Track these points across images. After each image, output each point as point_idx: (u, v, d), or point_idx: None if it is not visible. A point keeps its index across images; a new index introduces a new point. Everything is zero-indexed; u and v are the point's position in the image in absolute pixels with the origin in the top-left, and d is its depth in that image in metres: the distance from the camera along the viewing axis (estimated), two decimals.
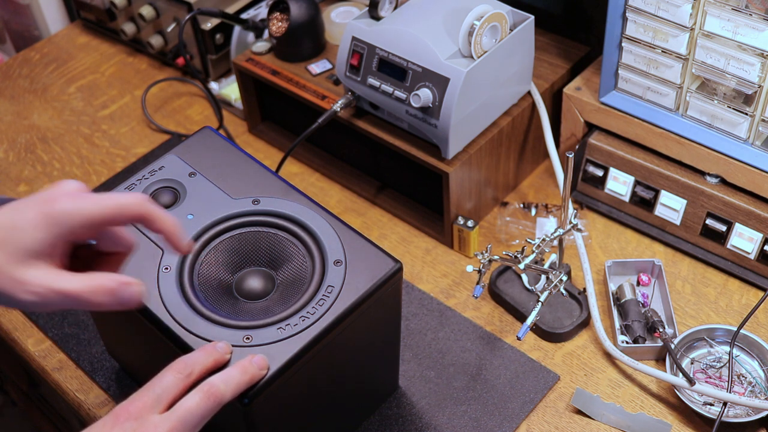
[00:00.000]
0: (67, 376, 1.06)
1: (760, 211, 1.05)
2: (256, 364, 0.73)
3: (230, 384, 0.70)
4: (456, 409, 1.00)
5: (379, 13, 1.11)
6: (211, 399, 0.68)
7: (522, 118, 1.17)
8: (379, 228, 1.22)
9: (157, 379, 0.69)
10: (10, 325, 1.12)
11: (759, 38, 0.95)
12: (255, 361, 0.73)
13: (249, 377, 0.71)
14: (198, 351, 0.72)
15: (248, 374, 0.71)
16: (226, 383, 0.70)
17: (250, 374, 0.72)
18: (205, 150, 0.92)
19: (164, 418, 0.67)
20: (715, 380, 1.00)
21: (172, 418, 0.67)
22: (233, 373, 0.71)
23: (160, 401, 0.68)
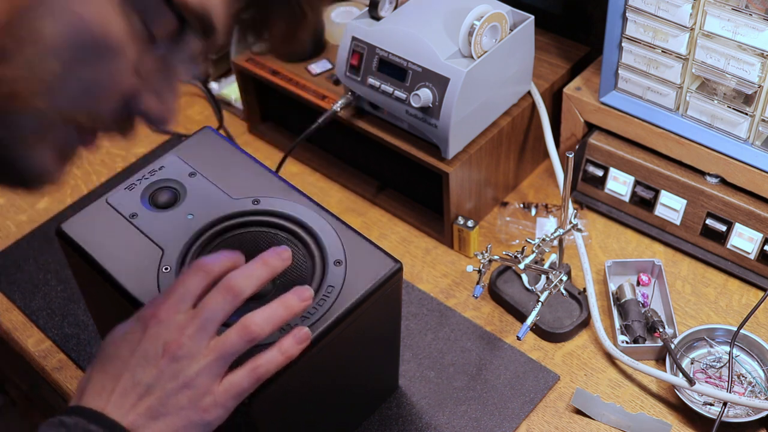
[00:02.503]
0: (67, 376, 1.06)
1: (760, 211, 1.05)
2: (276, 255, 0.71)
3: (252, 279, 0.70)
4: (456, 409, 1.00)
5: (379, 13, 1.11)
6: (230, 295, 0.68)
7: (522, 118, 1.17)
8: (379, 228, 1.22)
9: (179, 283, 0.69)
10: (10, 325, 1.12)
11: (759, 38, 0.95)
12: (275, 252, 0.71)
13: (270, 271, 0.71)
14: (212, 256, 0.72)
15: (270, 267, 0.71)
16: (247, 279, 0.69)
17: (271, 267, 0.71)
18: (205, 150, 0.92)
19: (190, 315, 0.68)
20: (715, 380, 1.00)
21: (198, 316, 0.68)
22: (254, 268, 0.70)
23: (184, 302, 0.68)
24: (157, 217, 0.85)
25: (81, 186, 1.31)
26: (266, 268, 0.71)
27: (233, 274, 0.70)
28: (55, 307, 1.13)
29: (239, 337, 0.68)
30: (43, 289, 1.16)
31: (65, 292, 1.15)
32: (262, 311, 0.70)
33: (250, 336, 0.68)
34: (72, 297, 1.14)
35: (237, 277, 0.69)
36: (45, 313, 1.12)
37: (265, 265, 0.71)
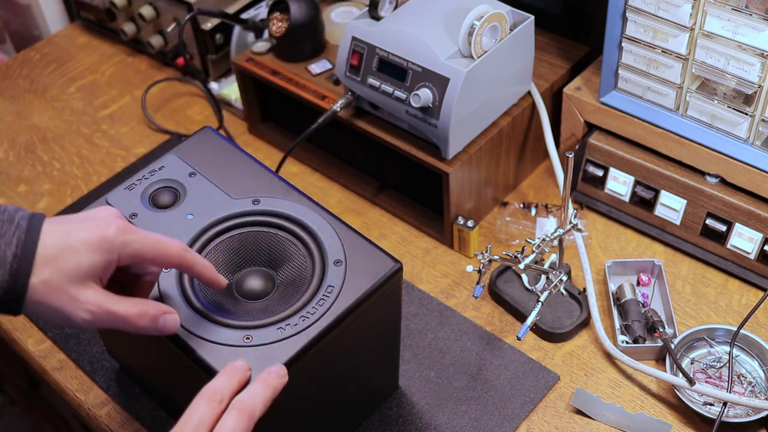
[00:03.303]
0: (67, 376, 1.06)
1: (760, 211, 1.05)
2: (275, 374, 0.73)
3: (257, 398, 0.71)
4: (456, 409, 1.00)
5: (379, 13, 1.11)
6: (245, 416, 0.69)
7: (522, 118, 1.17)
8: (379, 228, 1.22)
9: (192, 409, 0.69)
10: (10, 325, 1.12)
11: (759, 38, 0.95)
12: (273, 372, 0.73)
13: (272, 389, 0.72)
14: (221, 375, 0.72)
15: (270, 386, 0.72)
16: (254, 398, 0.70)
17: (272, 386, 0.72)
18: (205, 150, 0.92)
19: None
20: (715, 380, 1.00)
21: None
22: (257, 388, 0.71)
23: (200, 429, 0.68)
24: (157, 217, 0.85)
25: (81, 186, 1.31)
26: (269, 389, 0.72)
27: (241, 396, 0.70)
28: None
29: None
30: None
31: None
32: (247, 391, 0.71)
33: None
34: None
35: (247, 399, 0.70)
36: None
37: (266, 385, 0.72)
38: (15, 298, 0.67)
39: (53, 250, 0.67)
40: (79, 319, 0.69)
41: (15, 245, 0.66)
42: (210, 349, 0.76)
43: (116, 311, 0.70)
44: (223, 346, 0.76)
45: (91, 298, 0.69)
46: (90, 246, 0.68)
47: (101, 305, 0.69)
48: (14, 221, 0.68)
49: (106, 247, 0.69)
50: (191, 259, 0.74)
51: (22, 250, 0.66)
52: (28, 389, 1.51)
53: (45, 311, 0.68)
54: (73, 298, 0.68)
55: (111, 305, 0.70)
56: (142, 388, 1.03)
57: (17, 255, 0.66)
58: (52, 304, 0.67)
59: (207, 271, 0.76)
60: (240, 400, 0.70)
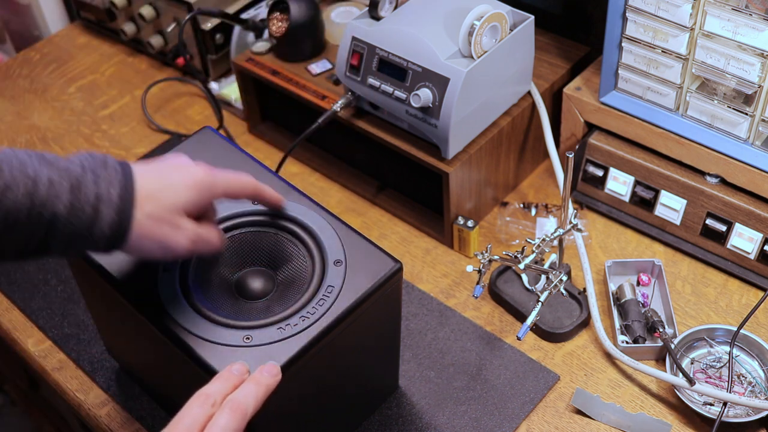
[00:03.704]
0: (67, 376, 1.06)
1: (760, 211, 1.05)
2: (267, 373, 0.73)
3: (250, 397, 0.71)
4: (456, 409, 1.00)
5: (379, 13, 1.11)
6: (238, 414, 0.69)
7: (522, 118, 1.17)
8: (379, 228, 1.22)
9: (184, 411, 0.69)
10: (10, 325, 1.12)
11: (759, 38, 0.95)
12: (266, 371, 0.74)
13: (265, 388, 0.72)
14: (216, 380, 0.72)
15: (263, 385, 0.72)
16: (246, 397, 0.71)
17: (264, 385, 0.73)
18: (205, 150, 0.92)
19: None
20: (715, 380, 1.00)
21: None
22: (250, 387, 0.72)
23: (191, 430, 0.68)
24: None
25: None
26: (261, 387, 0.72)
27: (234, 395, 0.71)
28: (55, 307, 1.13)
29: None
30: (43, 289, 1.16)
31: (65, 292, 1.15)
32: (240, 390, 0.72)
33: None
34: (72, 297, 1.14)
35: (240, 398, 0.71)
36: (45, 313, 1.12)
37: (259, 384, 0.72)
38: (120, 234, 0.71)
39: (152, 189, 0.73)
40: (181, 246, 0.75)
41: (118, 186, 0.71)
42: (210, 349, 0.76)
43: (205, 236, 0.77)
44: (223, 346, 0.76)
45: (189, 226, 0.75)
46: (187, 186, 0.75)
47: (197, 232, 0.76)
48: (108, 164, 0.72)
49: (201, 187, 0.76)
50: (261, 187, 0.83)
51: (124, 191, 0.71)
52: (28, 389, 1.51)
53: (147, 244, 0.73)
54: (176, 225, 0.74)
55: (202, 232, 0.77)
56: (142, 388, 1.03)
57: (121, 195, 0.71)
58: (156, 235, 0.73)
59: (272, 195, 0.84)
60: (232, 398, 0.70)
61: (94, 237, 0.70)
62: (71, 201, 0.69)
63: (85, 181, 0.70)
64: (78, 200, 0.69)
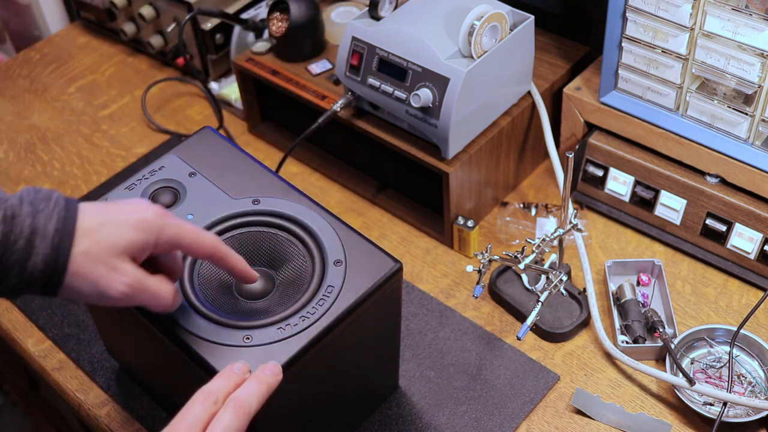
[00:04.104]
0: (67, 376, 1.06)
1: (760, 211, 1.05)
2: (269, 372, 0.73)
3: (253, 396, 0.71)
4: (456, 409, 1.00)
5: (379, 13, 1.11)
6: (241, 412, 0.69)
7: (522, 118, 1.17)
8: (379, 228, 1.22)
9: (186, 409, 0.69)
10: (10, 325, 1.12)
11: (759, 38, 0.95)
12: (268, 370, 0.73)
13: (267, 386, 0.72)
14: (217, 378, 0.72)
15: (265, 384, 0.72)
16: (249, 396, 0.71)
17: (267, 383, 0.72)
18: (205, 150, 0.92)
19: None
20: (715, 380, 1.00)
21: None
22: (252, 386, 0.72)
23: (194, 428, 0.68)
24: None
25: (81, 186, 1.31)
26: (263, 386, 0.72)
27: (237, 393, 0.71)
28: (55, 307, 1.13)
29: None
30: None
31: None
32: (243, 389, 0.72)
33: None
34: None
35: (243, 396, 0.70)
36: (45, 313, 1.12)
37: (261, 383, 0.72)
38: (56, 272, 0.67)
39: (93, 225, 0.69)
40: (116, 292, 0.69)
41: (56, 220, 0.68)
42: (210, 349, 0.76)
43: (150, 286, 0.71)
44: (223, 346, 0.76)
45: (129, 271, 0.70)
46: (129, 224, 0.70)
47: (138, 279, 0.70)
48: (51, 198, 0.69)
49: (145, 227, 0.71)
50: (224, 250, 0.76)
51: (63, 224, 0.68)
52: (28, 389, 1.51)
53: (82, 284, 0.69)
54: (113, 268, 0.69)
55: (146, 280, 0.71)
56: (142, 388, 1.03)
57: (59, 229, 0.67)
58: (91, 275, 0.68)
59: (239, 264, 0.78)
60: (235, 397, 0.70)
61: (27, 273, 0.67)
62: (3, 232, 0.66)
63: (21, 212, 0.67)
64: (11, 232, 0.66)
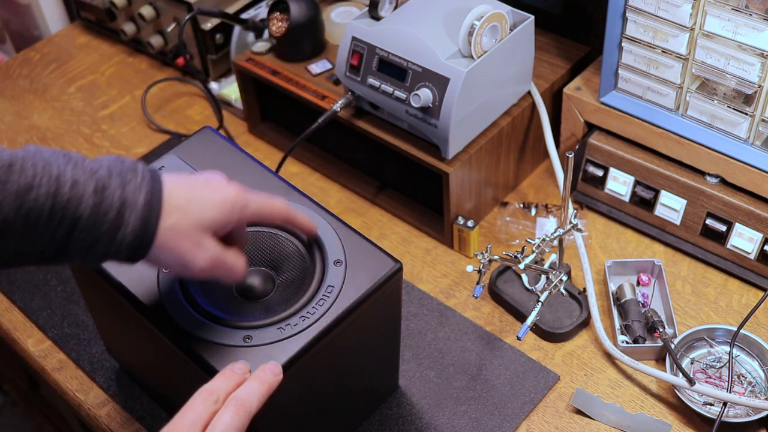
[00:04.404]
0: (67, 376, 1.06)
1: (760, 211, 1.05)
2: (270, 372, 0.74)
3: (253, 395, 0.71)
4: (456, 409, 1.00)
5: (379, 13, 1.11)
6: (242, 411, 0.69)
7: (522, 118, 1.17)
8: (379, 228, 1.22)
9: (187, 408, 0.69)
10: (10, 325, 1.12)
11: (759, 38, 0.95)
12: (269, 369, 0.74)
13: (267, 386, 0.73)
14: (218, 377, 0.72)
15: (266, 383, 0.73)
16: (250, 395, 0.71)
17: (267, 383, 0.73)
18: (205, 150, 0.92)
19: None
20: (715, 380, 1.00)
21: None
22: (253, 385, 0.72)
23: (195, 427, 0.68)
24: None
25: None
26: (264, 385, 0.72)
27: (238, 392, 0.71)
28: (55, 307, 1.13)
29: None
30: (43, 289, 1.15)
31: (65, 292, 1.15)
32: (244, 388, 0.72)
33: None
34: (72, 297, 1.14)
35: (243, 395, 0.71)
36: (45, 313, 1.12)
37: (262, 382, 0.73)
38: (143, 243, 0.69)
39: (180, 200, 0.71)
40: (198, 266, 0.71)
41: (145, 192, 0.68)
42: (210, 349, 0.76)
43: (228, 262, 0.74)
44: (223, 346, 0.76)
45: (212, 246, 0.72)
46: (214, 202, 0.72)
47: (219, 254, 0.72)
48: (137, 170, 0.70)
49: (229, 207, 0.73)
50: (294, 212, 0.80)
51: (151, 197, 0.69)
52: (28, 389, 1.51)
53: (167, 257, 0.70)
54: (198, 243, 0.71)
55: (225, 255, 0.73)
56: (142, 388, 1.03)
57: (148, 202, 0.68)
58: (177, 249, 0.70)
59: (305, 221, 0.82)
60: (236, 396, 0.70)
61: (116, 243, 0.68)
62: (95, 204, 0.66)
63: (110, 184, 0.67)
64: (102, 204, 0.67)
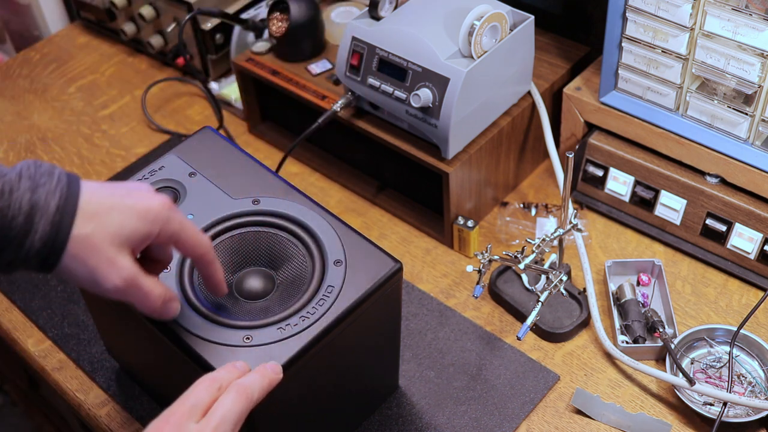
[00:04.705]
0: (67, 376, 1.06)
1: (760, 211, 1.05)
2: (271, 369, 0.74)
3: (255, 384, 0.71)
4: (456, 409, 1.00)
5: (379, 13, 1.11)
6: (243, 397, 0.69)
7: (522, 118, 1.17)
8: (379, 228, 1.22)
9: (189, 392, 0.69)
10: (10, 325, 1.12)
11: (759, 38, 0.95)
12: (269, 367, 0.74)
13: (268, 381, 0.73)
14: (221, 369, 0.73)
15: (267, 378, 0.73)
16: (252, 383, 0.71)
17: (268, 378, 0.73)
18: (205, 150, 0.92)
19: (204, 423, 0.67)
20: (715, 380, 1.00)
21: (211, 422, 0.68)
22: (255, 377, 0.72)
23: (196, 410, 0.68)
24: None
25: None
26: (266, 379, 0.72)
27: (241, 380, 0.71)
28: (55, 307, 1.13)
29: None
30: (43, 289, 1.15)
31: (65, 292, 1.15)
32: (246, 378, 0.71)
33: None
34: (72, 297, 1.14)
35: (246, 383, 0.70)
36: (45, 313, 1.12)
37: (263, 376, 0.72)
38: (54, 251, 0.65)
39: (98, 207, 0.66)
40: (110, 284, 0.67)
41: (58, 197, 0.65)
42: (210, 349, 0.76)
43: (143, 286, 0.69)
44: (223, 346, 0.76)
45: (127, 265, 0.68)
46: (136, 212, 0.68)
47: (133, 276, 0.68)
48: (53, 174, 0.66)
49: (152, 218, 0.68)
50: (214, 256, 0.75)
51: (65, 202, 0.65)
52: (28, 389, 1.51)
53: (78, 269, 0.66)
54: (111, 260, 0.66)
55: (140, 279, 0.69)
56: (142, 388, 1.03)
57: (60, 206, 0.65)
58: (88, 263, 0.66)
59: (219, 274, 0.76)
60: (239, 383, 0.70)
61: (24, 250, 0.64)
62: (1, 206, 0.64)
63: (19, 187, 0.64)
64: (9, 207, 0.64)
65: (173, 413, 0.68)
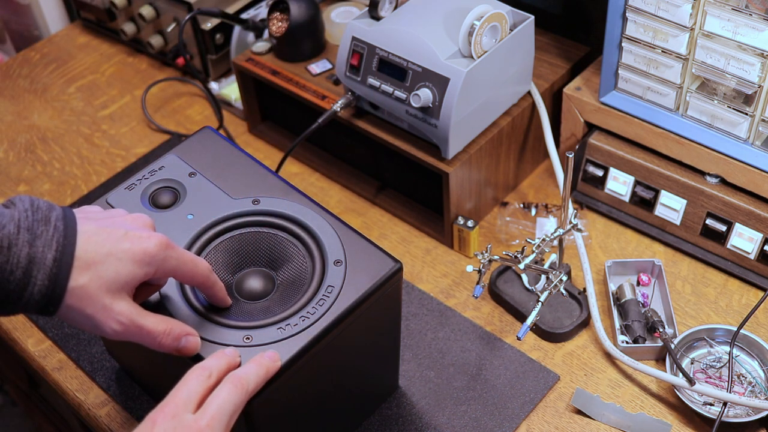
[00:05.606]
0: (67, 376, 1.06)
1: (760, 211, 1.05)
2: (269, 358, 0.74)
3: (251, 375, 0.71)
4: (456, 409, 1.00)
5: (379, 13, 1.11)
6: (239, 388, 0.69)
7: (522, 118, 1.17)
8: (379, 228, 1.22)
9: (182, 383, 0.70)
10: (10, 325, 1.12)
11: (759, 38, 0.95)
12: (267, 356, 0.74)
13: (265, 370, 0.73)
14: (210, 357, 0.73)
15: (264, 367, 0.73)
16: (248, 375, 0.71)
17: (265, 367, 0.73)
18: (205, 150, 0.92)
19: (200, 415, 0.68)
20: (715, 380, 1.00)
21: (207, 413, 0.68)
22: (251, 366, 0.72)
23: (190, 401, 0.68)
24: (157, 218, 0.85)
25: (81, 186, 1.31)
26: (262, 368, 0.72)
27: (237, 371, 0.71)
28: None
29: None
30: None
31: None
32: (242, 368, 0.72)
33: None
34: None
35: (242, 374, 0.71)
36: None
37: (260, 365, 0.72)
38: (52, 302, 0.66)
39: (94, 256, 0.67)
40: (110, 330, 0.69)
41: (55, 248, 0.65)
42: (210, 349, 0.76)
43: (144, 326, 0.70)
44: (223, 346, 0.76)
45: (124, 310, 0.69)
46: (132, 258, 0.68)
47: (132, 319, 0.69)
48: (50, 222, 0.66)
49: (148, 261, 0.69)
50: (214, 279, 0.76)
51: (62, 254, 0.65)
52: (28, 389, 1.51)
53: (76, 317, 0.68)
54: (107, 307, 0.68)
55: (141, 319, 0.70)
56: (142, 388, 1.03)
57: (57, 259, 0.65)
58: (85, 311, 0.67)
59: (222, 292, 0.78)
60: (234, 374, 0.70)
61: (23, 301, 0.65)
62: (0, 263, 0.64)
63: (18, 241, 0.64)
64: (8, 263, 0.64)
65: (168, 404, 0.68)
